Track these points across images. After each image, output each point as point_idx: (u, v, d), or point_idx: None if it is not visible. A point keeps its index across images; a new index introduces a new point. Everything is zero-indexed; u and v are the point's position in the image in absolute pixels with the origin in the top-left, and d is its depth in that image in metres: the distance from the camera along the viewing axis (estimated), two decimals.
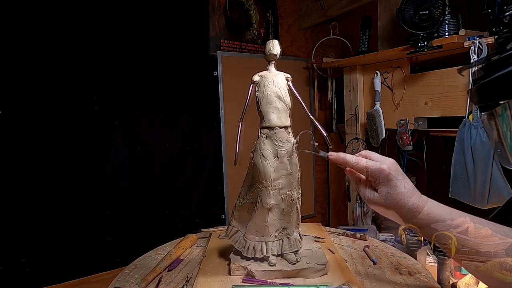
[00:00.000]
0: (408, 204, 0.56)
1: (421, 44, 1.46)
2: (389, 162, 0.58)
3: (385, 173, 0.56)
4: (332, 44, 2.33)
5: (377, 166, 0.57)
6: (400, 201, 0.56)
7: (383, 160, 0.59)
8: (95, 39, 1.59)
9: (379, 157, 0.60)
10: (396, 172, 0.57)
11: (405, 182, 0.57)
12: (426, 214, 0.56)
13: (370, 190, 0.60)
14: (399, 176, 0.57)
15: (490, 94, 0.51)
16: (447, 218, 0.54)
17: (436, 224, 0.55)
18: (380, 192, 0.57)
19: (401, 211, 0.57)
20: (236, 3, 2.03)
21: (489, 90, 0.50)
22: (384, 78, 1.80)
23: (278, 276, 0.78)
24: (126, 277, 0.85)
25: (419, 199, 0.57)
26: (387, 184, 0.57)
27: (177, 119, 1.84)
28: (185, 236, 1.05)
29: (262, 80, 0.79)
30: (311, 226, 1.13)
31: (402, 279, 0.78)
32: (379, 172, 0.57)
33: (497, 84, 0.48)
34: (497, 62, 0.48)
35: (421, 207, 0.56)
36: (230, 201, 2.03)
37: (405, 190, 0.56)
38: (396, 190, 0.56)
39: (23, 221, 1.45)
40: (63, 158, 1.53)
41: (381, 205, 0.58)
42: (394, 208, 0.57)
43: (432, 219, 0.55)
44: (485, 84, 0.50)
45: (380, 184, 0.57)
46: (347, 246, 1.00)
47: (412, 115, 1.69)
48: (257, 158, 0.77)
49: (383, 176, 0.56)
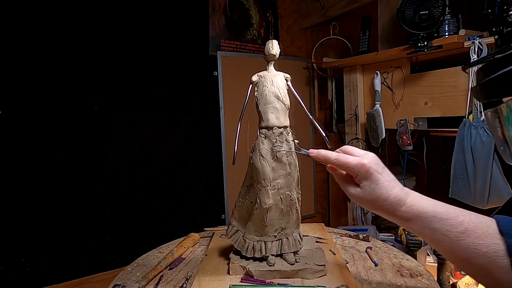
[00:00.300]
0: (390, 197, 0.56)
1: (421, 44, 1.46)
2: (369, 157, 0.58)
3: (366, 168, 0.56)
4: (332, 44, 2.33)
5: (357, 161, 0.57)
6: (382, 195, 0.56)
7: (363, 154, 0.59)
8: (95, 39, 1.59)
9: (360, 152, 0.60)
10: (376, 165, 0.57)
11: (386, 175, 0.58)
12: (409, 206, 0.56)
13: (352, 186, 0.60)
14: (379, 169, 0.57)
15: (494, 91, 0.51)
16: (429, 210, 0.55)
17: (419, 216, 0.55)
18: (362, 187, 0.58)
19: (384, 204, 0.56)
20: (236, 3, 2.03)
21: (493, 87, 0.50)
22: (384, 78, 1.80)
23: (277, 276, 0.78)
24: (128, 274, 0.86)
25: (401, 191, 0.57)
26: (368, 179, 0.57)
27: (177, 119, 1.84)
28: (188, 235, 1.05)
29: (261, 80, 0.79)
30: (314, 227, 1.13)
31: (403, 281, 0.77)
32: (359, 167, 0.57)
33: (501, 81, 0.48)
34: (501, 59, 0.48)
35: (403, 200, 0.56)
36: (230, 201, 2.03)
37: (387, 183, 0.56)
38: (377, 184, 0.56)
39: (23, 221, 1.45)
40: (63, 158, 1.53)
41: (364, 200, 0.58)
42: (377, 202, 0.57)
43: (415, 211, 0.55)
44: (489, 81, 0.50)
45: (361, 179, 0.57)
46: (349, 247, 0.99)
47: (412, 115, 1.69)
48: (256, 158, 0.77)
49: (363, 171, 0.57)
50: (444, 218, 0.53)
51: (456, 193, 1.45)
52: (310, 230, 1.09)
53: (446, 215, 0.54)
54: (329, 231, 1.12)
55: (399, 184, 0.58)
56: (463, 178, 1.41)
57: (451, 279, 1.26)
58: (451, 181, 1.46)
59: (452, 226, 0.53)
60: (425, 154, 1.86)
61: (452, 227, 0.53)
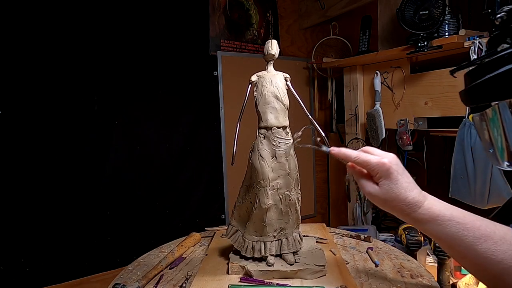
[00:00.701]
0: (408, 198, 0.56)
1: (421, 44, 1.46)
2: (391, 157, 0.59)
3: (386, 167, 0.57)
4: (332, 44, 2.33)
5: (378, 160, 0.58)
6: (401, 195, 0.56)
7: (385, 154, 0.59)
8: (95, 39, 1.59)
9: (381, 152, 0.61)
10: (397, 166, 0.58)
11: (405, 176, 0.58)
12: (426, 209, 0.56)
13: (371, 184, 0.60)
14: (399, 170, 0.57)
15: (481, 96, 0.51)
16: (446, 214, 0.55)
17: (436, 219, 0.55)
18: (381, 186, 0.58)
19: (401, 205, 0.57)
20: (236, 3, 2.03)
21: (480, 91, 0.50)
22: (384, 78, 1.80)
23: (276, 276, 0.78)
24: (129, 273, 0.86)
25: (419, 194, 0.57)
26: (387, 178, 0.57)
27: (177, 119, 1.84)
28: (189, 235, 1.06)
29: (260, 80, 0.79)
30: (315, 227, 1.12)
31: (403, 282, 0.77)
32: (380, 166, 0.57)
33: (488, 86, 0.49)
34: (488, 64, 0.48)
35: (421, 202, 0.56)
36: (230, 201, 2.03)
37: (406, 184, 0.57)
38: (396, 184, 0.57)
39: (23, 221, 1.45)
40: (63, 158, 1.53)
41: (382, 199, 0.59)
42: (395, 202, 0.57)
43: (432, 214, 0.55)
44: (476, 85, 0.50)
45: (381, 178, 0.58)
46: (350, 247, 0.99)
47: (412, 115, 1.69)
48: (255, 158, 0.77)
49: (384, 170, 0.57)
50: (461, 222, 0.53)
51: (456, 193, 1.44)
52: (311, 230, 1.09)
53: (463, 219, 0.54)
54: (330, 231, 1.11)
55: (417, 187, 0.58)
56: (463, 178, 1.41)
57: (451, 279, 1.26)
58: (451, 181, 1.46)
59: (469, 231, 0.53)
60: (425, 154, 1.86)
61: (469, 232, 0.53)
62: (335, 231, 1.12)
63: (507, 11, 0.53)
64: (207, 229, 1.18)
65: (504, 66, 0.46)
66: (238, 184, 0.87)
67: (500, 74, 0.46)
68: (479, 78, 0.49)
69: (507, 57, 0.46)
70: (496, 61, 0.47)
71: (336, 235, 1.09)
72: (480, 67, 0.50)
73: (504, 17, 0.53)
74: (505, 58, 0.46)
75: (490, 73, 0.47)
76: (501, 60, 0.46)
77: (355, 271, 0.83)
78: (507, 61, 0.46)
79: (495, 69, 0.46)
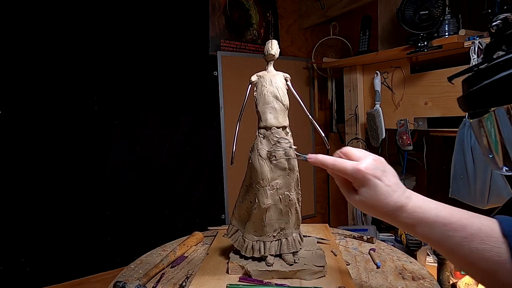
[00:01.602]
0: (389, 204, 0.53)
1: (421, 44, 1.46)
2: (368, 161, 0.55)
3: (361, 174, 0.54)
4: (332, 44, 2.33)
5: (353, 167, 0.54)
6: (381, 201, 0.53)
7: (362, 158, 0.56)
8: (95, 39, 1.59)
9: (360, 155, 0.57)
10: (374, 170, 0.54)
11: (386, 179, 0.54)
12: (410, 213, 0.53)
13: (352, 192, 0.57)
14: (377, 173, 0.54)
15: (478, 102, 0.51)
16: (431, 215, 0.52)
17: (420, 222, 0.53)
18: (360, 194, 0.55)
19: (384, 211, 0.54)
20: (236, 3, 2.03)
21: (477, 97, 0.50)
22: (384, 78, 1.80)
23: (275, 277, 0.78)
24: (131, 272, 0.87)
25: (401, 196, 0.54)
26: (365, 185, 0.54)
27: (177, 119, 1.84)
28: (192, 234, 1.06)
29: (260, 80, 0.79)
30: (318, 227, 1.12)
31: (404, 284, 0.77)
32: (355, 173, 0.54)
33: (485, 92, 0.49)
34: (484, 70, 0.49)
35: (404, 206, 0.53)
36: (230, 201, 2.03)
37: (386, 188, 0.54)
38: (375, 190, 0.54)
39: (23, 221, 1.45)
40: (63, 158, 1.54)
41: (364, 206, 0.56)
42: (377, 208, 0.55)
43: (416, 217, 0.53)
44: (473, 92, 0.50)
45: (359, 185, 0.55)
46: (352, 248, 0.99)
47: (412, 115, 1.69)
48: (254, 158, 0.77)
49: (359, 177, 0.54)
50: (447, 223, 0.52)
51: (456, 193, 1.44)
52: (313, 230, 1.08)
53: (448, 219, 0.52)
54: (333, 232, 1.11)
55: (400, 189, 0.55)
56: (463, 178, 1.41)
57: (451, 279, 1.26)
58: (451, 181, 1.46)
59: (455, 231, 0.51)
60: (425, 154, 1.86)
61: (455, 232, 0.51)
62: (337, 232, 1.12)
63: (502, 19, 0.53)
64: (210, 228, 1.19)
65: (500, 72, 0.46)
66: (238, 184, 0.87)
67: (496, 81, 0.47)
68: (476, 84, 0.49)
69: (502, 64, 0.46)
70: (492, 68, 0.47)
71: (338, 235, 1.09)
72: (477, 74, 0.50)
73: (500, 25, 0.53)
74: (500, 65, 0.47)
75: (487, 79, 0.47)
76: (497, 67, 0.47)
77: (356, 273, 0.82)
78: (502, 68, 0.46)
79: (492, 75, 0.47)
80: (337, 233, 1.11)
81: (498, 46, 0.52)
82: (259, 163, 0.76)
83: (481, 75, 0.49)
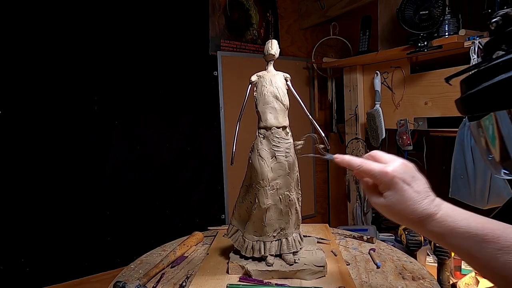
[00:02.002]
0: (417, 211, 0.50)
1: (421, 44, 1.46)
2: (397, 164, 0.53)
3: (389, 177, 0.51)
4: (332, 44, 2.33)
5: (381, 169, 0.52)
6: (408, 208, 0.51)
7: (391, 161, 0.54)
8: (95, 39, 1.59)
9: (388, 158, 0.55)
10: (403, 174, 0.51)
11: (415, 185, 0.52)
12: (440, 221, 0.50)
13: (376, 195, 0.55)
14: (406, 178, 0.51)
15: (477, 105, 0.49)
16: (463, 226, 0.49)
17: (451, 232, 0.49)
18: (386, 197, 0.52)
19: (411, 217, 0.51)
20: (236, 3, 2.03)
21: (476, 101, 0.48)
22: (384, 78, 1.80)
23: (275, 277, 0.78)
24: (131, 272, 0.87)
25: (430, 204, 0.51)
26: (392, 189, 0.51)
27: (177, 119, 1.84)
28: (192, 234, 1.06)
29: (260, 80, 0.79)
30: (318, 227, 1.12)
31: (404, 284, 0.77)
32: (383, 175, 0.52)
33: (483, 96, 0.46)
34: (483, 71, 0.46)
35: (433, 214, 0.50)
36: (230, 201, 2.03)
37: (415, 194, 0.51)
38: (403, 195, 0.51)
39: (23, 221, 1.45)
40: (63, 158, 1.53)
41: (388, 211, 0.53)
42: (403, 215, 0.52)
43: (446, 227, 0.50)
44: (472, 95, 0.48)
45: (385, 188, 0.53)
46: (353, 248, 0.99)
47: (412, 115, 1.69)
48: (254, 158, 0.77)
49: (387, 180, 0.51)
50: (479, 234, 0.48)
51: (456, 193, 1.44)
52: (313, 230, 1.09)
53: (481, 230, 0.48)
54: (333, 232, 1.11)
55: (430, 196, 0.52)
56: (463, 178, 1.41)
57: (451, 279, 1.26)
58: (451, 181, 1.46)
59: (488, 243, 0.47)
60: (425, 154, 1.86)
61: (488, 244, 0.47)
62: (338, 232, 1.12)
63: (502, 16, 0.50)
64: (210, 228, 1.19)
65: (499, 74, 0.44)
66: (238, 184, 0.87)
67: (495, 84, 0.44)
68: (474, 86, 0.47)
69: (502, 65, 0.44)
70: (491, 69, 0.45)
71: (338, 235, 1.09)
72: (476, 74, 0.48)
73: (500, 21, 0.51)
74: (500, 66, 0.44)
75: (485, 81, 0.45)
76: (496, 68, 0.45)
77: (356, 272, 0.82)
78: (502, 70, 0.44)
79: (490, 77, 0.44)
80: (337, 233, 1.11)
81: (497, 45, 0.49)
82: (259, 163, 0.76)
83: (480, 76, 0.46)
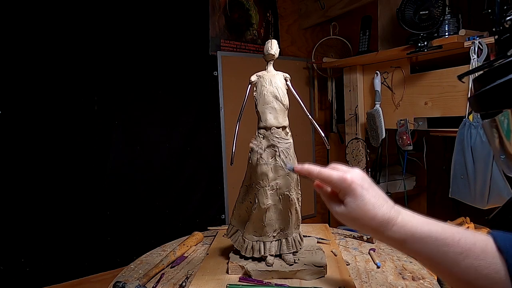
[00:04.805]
0: (377, 215, 0.51)
1: (421, 44, 1.46)
2: (355, 172, 0.54)
3: (348, 182, 0.52)
4: (332, 44, 2.33)
5: (339, 176, 0.53)
6: (368, 213, 0.51)
7: (349, 170, 0.55)
8: (95, 39, 1.59)
9: (346, 168, 0.56)
10: (361, 180, 0.53)
11: (373, 191, 0.53)
12: (401, 226, 0.50)
13: (337, 203, 0.55)
14: (364, 184, 0.53)
15: (491, 102, 0.48)
16: (424, 230, 0.50)
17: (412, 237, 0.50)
18: (346, 204, 0.53)
19: (372, 223, 0.51)
20: (236, 3, 2.03)
21: (491, 97, 0.48)
22: (384, 78, 1.80)
23: (275, 277, 0.78)
24: (131, 272, 0.87)
25: (390, 210, 0.51)
26: (351, 195, 0.52)
27: (177, 119, 1.84)
28: (192, 234, 1.06)
29: (259, 80, 0.79)
30: (318, 227, 1.12)
31: (404, 284, 0.77)
32: (342, 181, 0.53)
33: (498, 92, 0.46)
34: (498, 68, 0.46)
35: (393, 219, 0.51)
36: (230, 201, 2.03)
37: (374, 199, 0.52)
38: (362, 200, 0.51)
39: (23, 221, 1.45)
40: (63, 158, 1.53)
41: (349, 218, 0.54)
42: (363, 221, 0.52)
43: (407, 232, 0.50)
44: (487, 91, 0.47)
45: (345, 194, 0.53)
46: (353, 248, 0.99)
47: (412, 115, 1.68)
48: (254, 158, 0.77)
49: (346, 185, 0.52)
50: (440, 238, 0.49)
51: (456, 193, 1.44)
52: (313, 230, 1.09)
53: (441, 234, 0.49)
54: (333, 231, 1.11)
55: (388, 202, 0.53)
56: (463, 178, 1.41)
57: None
58: (451, 181, 1.46)
59: (449, 246, 0.48)
60: (425, 154, 1.86)
61: (449, 247, 0.48)
62: (338, 232, 1.12)
63: None
64: (210, 228, 1.18)
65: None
66: (238, 184, 0.87)
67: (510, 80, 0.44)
68: (489, 83, 0.47)
69: None
70: (506, 66, 0.45)
71: (338, 235, 1.09)
72: (490, 72, 0.47)
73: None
74: None
75: (500, 78, 0.45)
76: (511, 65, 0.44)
77: (356, 272, 0.82)
78: None
79: (505, 74, 0.44)
80: (337, 233, 1.11)
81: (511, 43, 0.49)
82: (259, 163, 0.76)
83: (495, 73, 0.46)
